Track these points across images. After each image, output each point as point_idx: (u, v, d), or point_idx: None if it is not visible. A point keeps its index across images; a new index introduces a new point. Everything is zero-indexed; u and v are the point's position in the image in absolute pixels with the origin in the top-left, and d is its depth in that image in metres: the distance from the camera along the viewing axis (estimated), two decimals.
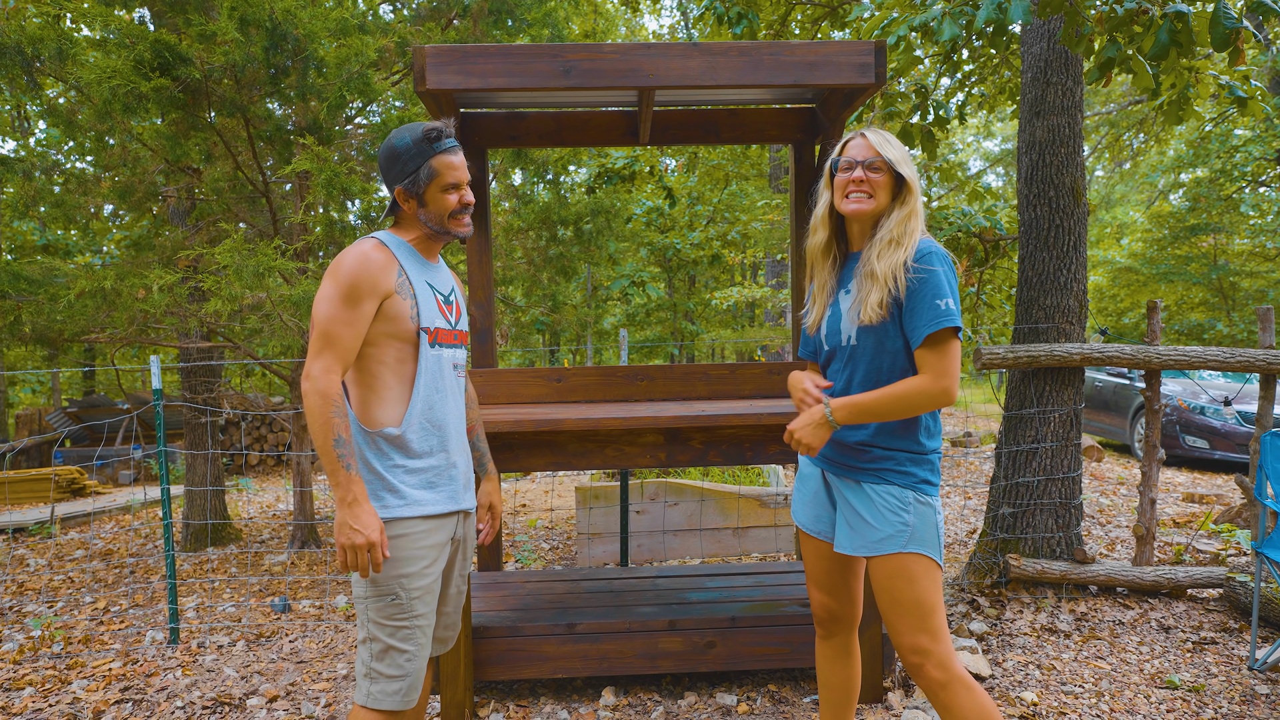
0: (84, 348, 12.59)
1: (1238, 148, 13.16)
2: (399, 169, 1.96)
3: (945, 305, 1.87)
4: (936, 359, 1.89)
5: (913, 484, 1.97)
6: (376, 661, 1.92)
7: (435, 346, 1.98)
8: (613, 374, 3.53)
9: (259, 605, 4.43)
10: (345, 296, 1.84)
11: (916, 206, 1.97)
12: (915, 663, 1.96)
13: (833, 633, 2.23)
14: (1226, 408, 7.94)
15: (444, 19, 5.77)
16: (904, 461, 1.98)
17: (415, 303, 1.94)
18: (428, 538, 1.96)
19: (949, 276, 1.91)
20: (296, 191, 5.41)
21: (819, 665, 2.28)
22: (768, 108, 3.65)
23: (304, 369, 1.83)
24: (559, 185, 7.03)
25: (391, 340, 1.92)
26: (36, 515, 7.12)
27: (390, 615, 1.91)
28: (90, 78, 4.12)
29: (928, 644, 1.94)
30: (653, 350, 12.41)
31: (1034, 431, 4.03)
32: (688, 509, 5.21)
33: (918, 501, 1.96)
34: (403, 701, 1.93)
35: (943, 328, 1.87)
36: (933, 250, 1.92)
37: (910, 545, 1.94)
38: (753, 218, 11.10)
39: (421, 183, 1.96)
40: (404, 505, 1.93)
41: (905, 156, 2.00)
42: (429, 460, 1.98)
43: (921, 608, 1.95)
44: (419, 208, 1.99)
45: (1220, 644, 3.43)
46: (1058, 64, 4.07)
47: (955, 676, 1.93)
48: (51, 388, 15.46)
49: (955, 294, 1.91)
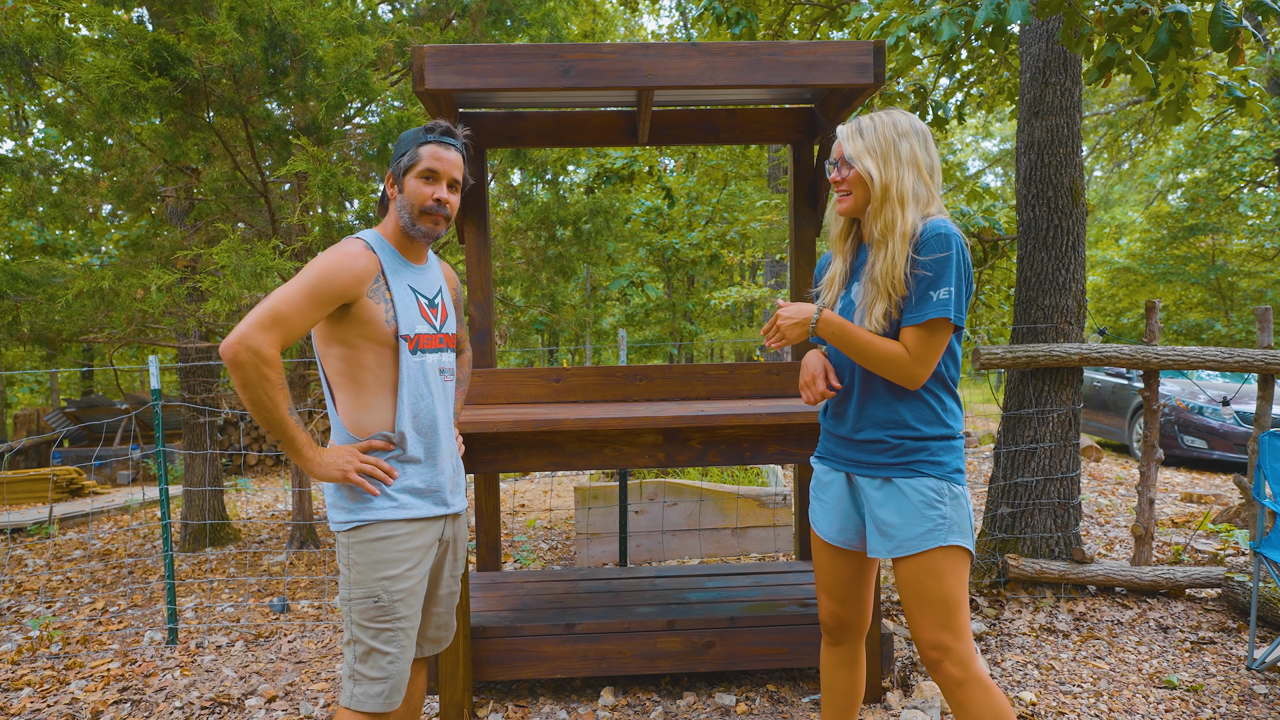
0: (82, 348, 12.58)
1: (1236, 148, 13.18)
2: (395, 153, 1.98)
3: (938, 296, 1.82)
4: (917, 343, 1.85)
5: (947, 474, 1.91)
6: (359, 663, 1.92)
7: (417, 353, 1.96)
8: (611, 374, 3.53)
9: (257, 605, 4.43)
10: (312, 289, 1.81)
11: (896, 196, 1.89)
12: (934, 658, 1.91)
13: (840, 640, 2.18)
14: (1225, 408, 7.95)
15: (443, 19, 5.77)
16: (937, 451, 1.91)
17: (391, 307, 1.91)
18: (411, 540, 1.94)
19: (955, 261, 1.83)
20: (295, 191, 5.40)
21: (823, 670, 2.24)
22: (766, 108, 3.65)
23: (239, 333, 1.75)
24: (558, 185, 7.02)
25: (368, 343, 1.90)
26: (35, 515, 7.11)
27: (373, 617, 1.90)
28: (89, 77, 4.11)
29: (949, 641, 1.90)
30: (651, 350, 12.41)
31: (1032, 431, 4.04)
32: (686, 509, 5.21)
33: (952, 492, 1.90)
34: (385, 704, 1.93)
35: (929, 318, 1.83)
36: (938, 233, 1.84)
37: (950, 538, 1.89)
38: (751, 218, 11.11)
39: (403, 166, 1.95)
40: (389, 508, 1.92)
41: (871, 146, 1.92)
42: (415, 465, 1.97)
43: (948, 603, 1.90)
44: (399, 194, 1.97)
45: (1219, 644, 3.44)
46: (1056, 64, 4.08)
47: (974, 675, 1.89)
48: (50, 388, 15.45)
49: (959, 279, 1.83)
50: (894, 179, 1.90)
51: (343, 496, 1.92)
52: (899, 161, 1.90)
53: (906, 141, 1.91)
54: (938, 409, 1.93)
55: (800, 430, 2.94)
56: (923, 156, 1.93)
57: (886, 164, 1.90)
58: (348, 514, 1.91)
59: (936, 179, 1.95)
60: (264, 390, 1.77)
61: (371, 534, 1.90)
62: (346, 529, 1.92)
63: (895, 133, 1.92)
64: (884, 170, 1.90)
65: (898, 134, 1.92)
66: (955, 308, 1.83)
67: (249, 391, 1.77)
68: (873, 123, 1.94)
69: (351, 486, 1.90)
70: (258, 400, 1.77)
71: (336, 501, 1.93)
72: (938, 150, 1.97)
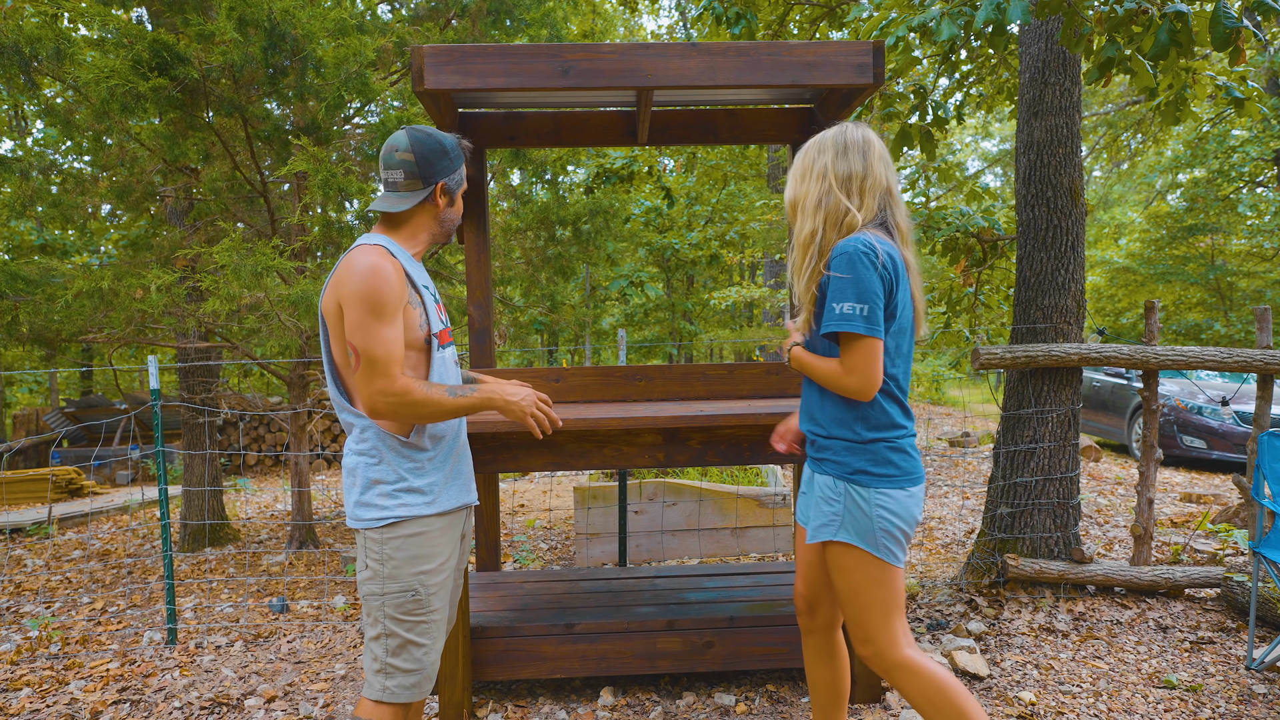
0: (81, 348, 12.57)
1: (1235, 148, 13.18)
2: (446, 164, 2.00)
3: (840, 310, 1.91)
4: (843, 356, 1.95)
5: (845, 474, 1.99)
6: (393, 657, 1.96)
7: (442, 348, 2.03)
8: (611, 374, 3.53)
9: (257, 606, 4.43)
10: (379, 316, 1.85)
11: (800, 209, 2.05)
12: (860, 653, 2.05)
13: (810, 628, 2.27)
14: (1224, 408, 7.95)
15: (442, 19, 5.77)
16: (840, 451, 2.01)
17: (424, 311, 1.97)
18: (445, 534, 2.01)
19: (855, 278, 1.90)
20: (294, 191, 5.40)
21: (805, 663, 2.32)
22: (766, 108, 3.65)
23: (368, 397, 1.86)
24: (557, 185, 7.02)
25: (406, 349, 1.95)
26: (34, 515, 7.11)
27: (409, 611, 1.95)
28: (88, 77, 4.11)
29: (860, 639, 2.03)
30: (651, 350, 12.41)
31: (1032, 431, 4.04)
32: (686, 509, 5.21)
33: (850, 492, 1.98)
34: (417, 693, 1.99)
35: (828, 331, 1.94)
36: (841, 253, 1.93)
37: (839, 534, 1.99)
38: (751, 218, 11.11)
39: (461, 182, 2.05)
40: (423, 504, 1.96)
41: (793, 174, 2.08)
42: (443, 458, 2.03)
43: (854, 601, 2.01)
44: (447, 206, 2.04)
45: (1218, 643, 3.44)
46: (1056, 64, 4.08)
47: (896, 663, 1.99)
48: (49, 388, 15.44)
49: (861, 294, 1.90)
50: (802, 194, 2.06)
51: (375, 493, 1.94)
52: (810, 177, 2.05)
53: (824, 156, 2.04)
54: (851, 413, 2.01)
55: None
56: (838, 167, 2.02)
57: (802, 180, 2.06)
58: (381, 510, 1.94)
59: (869, 186, 2.01)
60: (422, 410, 1.89)
61: (408, 530, 1.95)
62: (380, 525, 1.94)
63: (816, 149, 2.06)
64: (796, 186, 2.07)
65: (818, 150, 2.06)
66: (862, 320, 1.90)
67: (418, 419, 1.91)
68: (798, 156, 2.10)
69: (381, 483, 1.94)
70: (428, 418, 1.91)
71: (366, 499, 1.95)
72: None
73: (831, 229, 2.00)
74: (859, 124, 2.06)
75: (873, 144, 2.02)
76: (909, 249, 2.04)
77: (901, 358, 2.02)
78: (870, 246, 1.92)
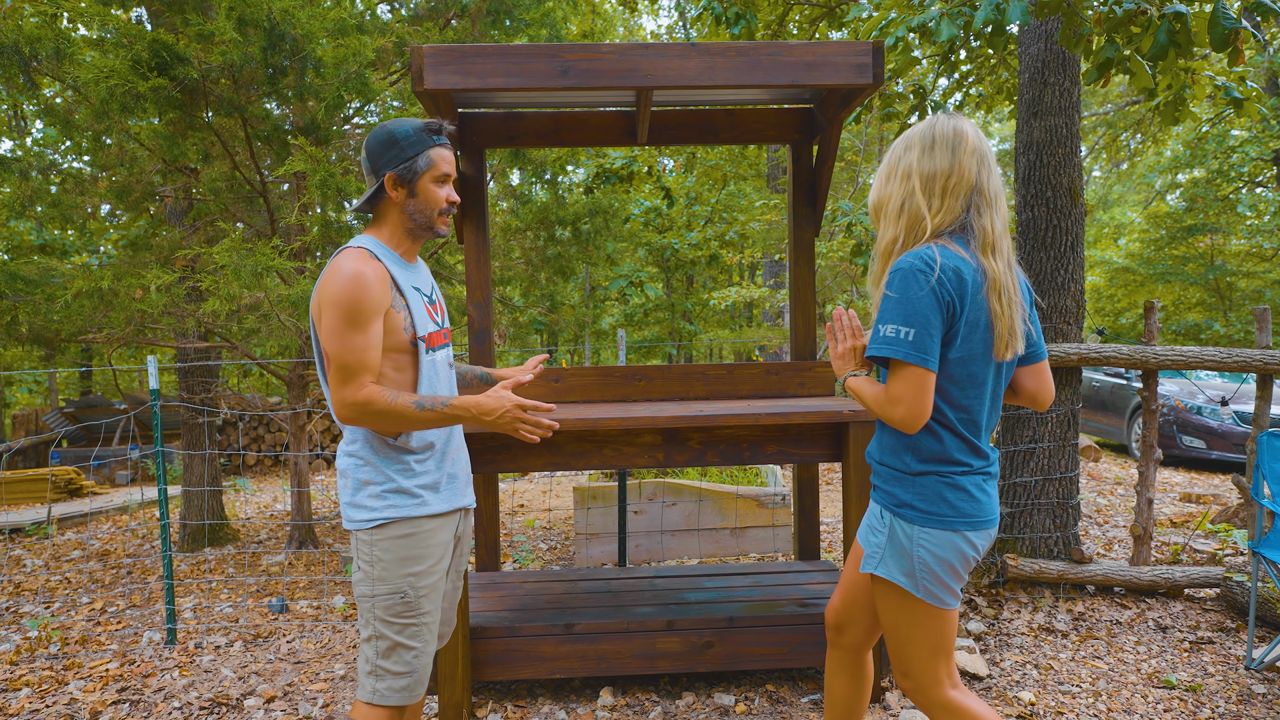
0: (81, 348, 12.57)
1: (1234, 148, 13.19)
2: (394, 154, 1.92)
3: (884, 332, 1.70)
4: (888, 383, 1.74)
5: (892, 505, 1.83)
6: (383, 659, 1.95)
7: (430, 351, 1.99)
8: (611, 374, 3.53)
9: (256, 606, 4.43)
10: (352, 323, 1.83)
11: (885, 231, 1.82)
12: (900, 685, 1.92)
13: (835, 643, 2.15)
14: (1223, 408, 7.95)
15: (442, 19, 5.77)
16: (889, 480, 1.86)
17: (409, 314, 1.94)
18: (435, 536, 1.99)
19: (902, 298, 1.69)
20: (294, 191, 5.40)
21: (825, 673, 2.21)
22: (765, 108, 3.65)
23: (335, 405, 1.85)
24: (557, 185, 7.02)
25: (389, 352, 1.93)
26: (33, 516, 7.11)
27: (399, 613, 1.94)
28: (87, 77, 4.11)
29: (900, 671, 1.89)
30: (651, 350, 12.42)
31: (1031, 431, 4.04)
32: (685, 509, 5.21)
33: (895, 525, 1.82)
34: (409, 697, 1.97)
35: (870, 355, 1.74)
36: (896, 269, 1.73)
37: (880, 569, 1.84)
38: (750, 218, 11.10)
39: (418, 171, 1.94)
40: (413, 505, 1.95)
41: (879, 175, 1.85)
42: (433, 461, 2.01)
43: (896, 636, 1.87)
44: (407, 198, 1.95)
45: (1217, 643, 3.44)
46: (1055, 65, 4.08)
47: (934, 702, 1.86)
48: (48, 388, 15.44)
49: (908, 316, 1.68)
50: (885, 197, 1.83)
51: (365, 495, 1.94)
52: (895, 177, 1.82)
53: (910, 153, 1.80)
54: (903, 443, 1.83)
55: (799, 430, 2.94)
56: (923, 165, 1.77)
57: (887, 181, 1.83)
58: (370, 512, 1.93)
59: (954, 186, 1.75)
60: (385, 421, 1.86)
61: (397, 531, 1.93)
62: (369, 527, 1.93)
63: (904, 145, 1.82)
64: (880, 188, 1.85)
65: (905, 146, 1.82)
66: (907, 345, 1.67)
67: (386, 429, 1.91)
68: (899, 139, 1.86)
69: (370, 484, 1.94)
70: (393, 430, 1.91)
71: (357, 500, 1.95)
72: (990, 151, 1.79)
73: (910, 236, 1.78)
74: (953, 114, 1.80)
75: (965, 136, 1.75)
76: (998, 258, 1.73)
77: (975, 386, 1.76)
78: (927, 262, 1.68)
